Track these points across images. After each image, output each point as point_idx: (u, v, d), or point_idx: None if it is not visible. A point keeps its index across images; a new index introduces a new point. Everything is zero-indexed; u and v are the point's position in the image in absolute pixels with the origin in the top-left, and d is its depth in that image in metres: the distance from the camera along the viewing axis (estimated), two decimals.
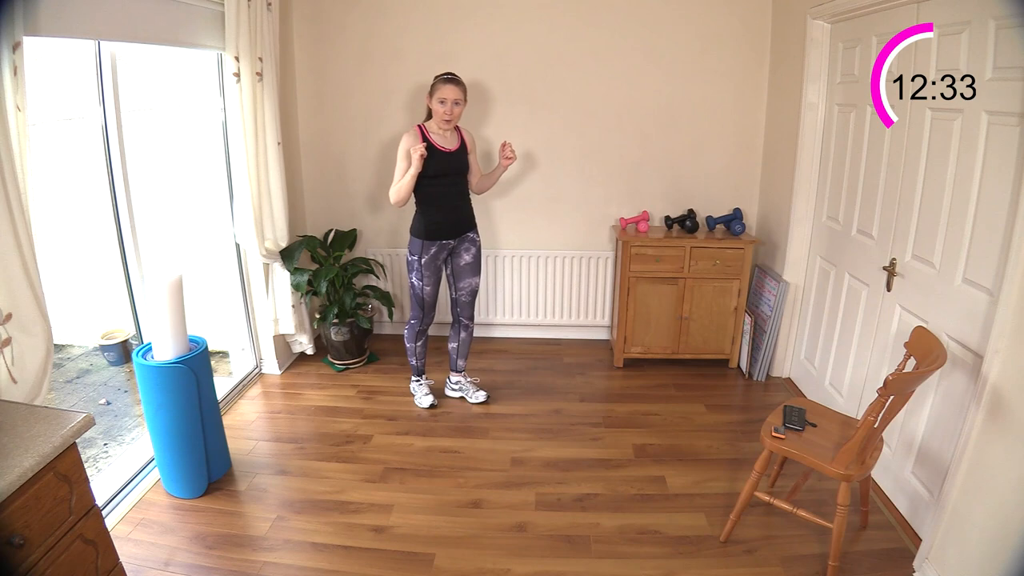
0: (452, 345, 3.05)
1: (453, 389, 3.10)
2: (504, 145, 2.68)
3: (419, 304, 2.82)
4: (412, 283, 2.78)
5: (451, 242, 2.74)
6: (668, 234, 3.29)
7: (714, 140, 3.41)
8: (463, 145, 2.70)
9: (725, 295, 3.25)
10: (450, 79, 2.54)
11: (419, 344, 2.95)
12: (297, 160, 3.51)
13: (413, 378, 3.08)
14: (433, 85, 2.56)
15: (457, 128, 2.69)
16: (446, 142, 2.64)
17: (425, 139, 2.57)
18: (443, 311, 3.74)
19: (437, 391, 3.13)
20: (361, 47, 3.37)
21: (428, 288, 2.77)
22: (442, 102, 2.52)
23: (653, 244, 3.20)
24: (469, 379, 3.11)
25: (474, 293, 2.91)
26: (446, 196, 2.67)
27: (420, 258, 2.70)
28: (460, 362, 3.06)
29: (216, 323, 3.22)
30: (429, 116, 2.63)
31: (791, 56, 2.99)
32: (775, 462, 2.26)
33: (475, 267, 2.86)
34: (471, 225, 2.81)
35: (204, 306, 2.97)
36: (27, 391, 1.66)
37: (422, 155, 2.46)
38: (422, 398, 3.00)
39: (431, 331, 3.77)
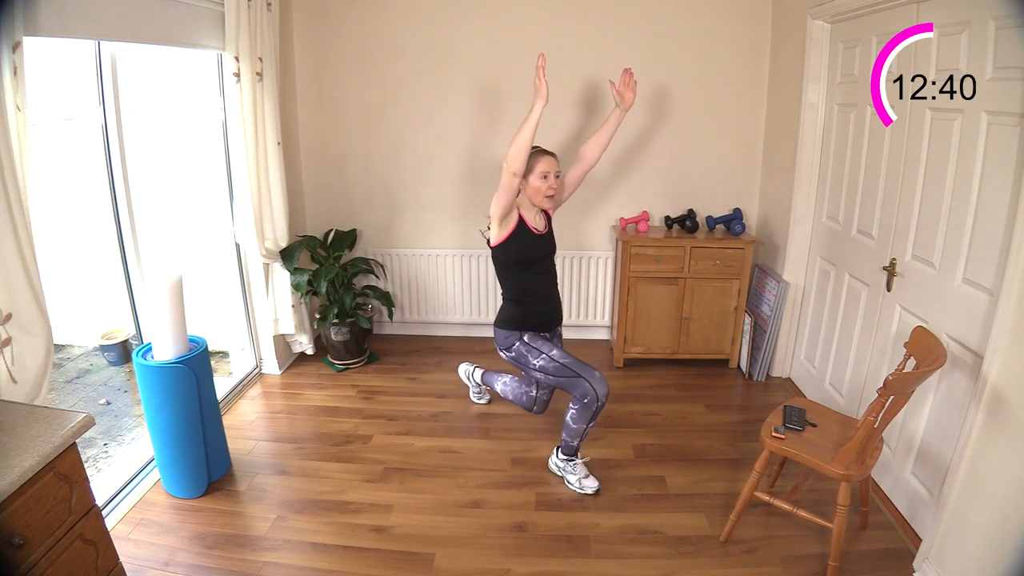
0: (505, 387, 2.77)
1: (469, 378, 3.05)
2: (625, 77, 2.38)
3: (573, 373, 2.28)
4: (542, 368, 2.31)
5: (546, 335, 2.44)
6: (668, 234, 3.29)
7: (714, 140, 3.41)
8: (550, 224, 2.43)
9: (725, 295, 3.25)
10: (544, 151, 2.26)
11: (591, 425, 2.37)
12: (297, 160, 3.51)
13: (564, 457, 2.46)
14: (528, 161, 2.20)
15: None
16: (537, 223, 2.35)
17: (521, 219, 2.27)
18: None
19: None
20: (361, 47, 3.37)
21: (556, 351, 2.32)
22: (545, 176, 2.24)
23: (653, 244, 3.20)
24: (485, 385, 3.04)
25: (553, 389, 2.65)
26: (542, 283, 2.40)
27: (522, 335, 2.35)
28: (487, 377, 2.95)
29: (216, 323, 3.22)
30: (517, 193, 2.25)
31: (791, 56, 2.99)
32: (775, 462, 2.26)
33: None
34: (562, 317, 2.53)
35: (204, 306, 2.97)
36: (27, 391, 1.66)
37: (542, 66, 2.06)
38: (585, 480, 2.41)
39: (433, 331, 3.84)
